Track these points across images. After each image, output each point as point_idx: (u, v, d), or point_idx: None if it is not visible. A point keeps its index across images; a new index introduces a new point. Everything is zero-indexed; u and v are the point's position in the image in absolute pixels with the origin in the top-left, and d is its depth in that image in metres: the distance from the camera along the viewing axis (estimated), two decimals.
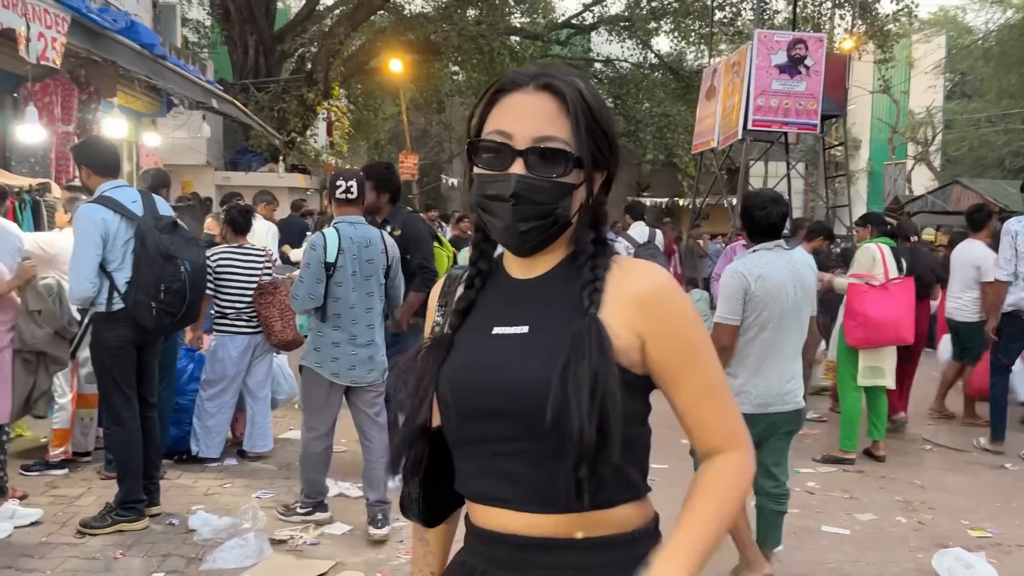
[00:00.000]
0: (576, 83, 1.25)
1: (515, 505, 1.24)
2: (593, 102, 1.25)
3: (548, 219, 1.23)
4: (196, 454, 5.67)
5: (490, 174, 1.24)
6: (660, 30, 21.84)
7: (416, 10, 21.10)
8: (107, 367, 4.38)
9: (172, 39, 12.50)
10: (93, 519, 4.42)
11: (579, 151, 1.23)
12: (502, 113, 1.25)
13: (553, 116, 1.22)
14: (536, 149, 1.21)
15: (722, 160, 14.69)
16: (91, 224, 4.19)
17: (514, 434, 1.21)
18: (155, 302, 4.22)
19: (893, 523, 4.95)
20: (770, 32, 12.98)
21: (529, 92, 1.24)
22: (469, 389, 1.25)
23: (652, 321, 1.24)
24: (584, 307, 1.23)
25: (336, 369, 4.41)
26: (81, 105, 8.58)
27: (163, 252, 4.23)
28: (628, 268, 1.29)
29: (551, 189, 1.22)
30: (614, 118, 1.33)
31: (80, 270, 4.18)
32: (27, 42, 5.06)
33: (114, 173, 4.42)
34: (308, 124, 18.77)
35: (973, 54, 32.67)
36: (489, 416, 1.23)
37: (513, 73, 1.28)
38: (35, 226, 6.01)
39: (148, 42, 6.96)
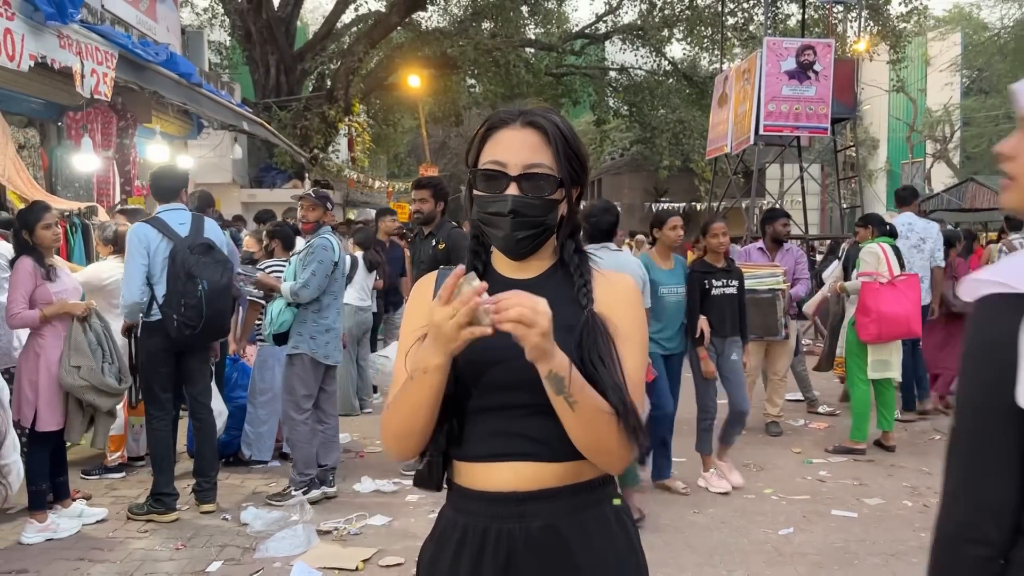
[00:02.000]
0: (554, 119, 1.57)
1: (529, 457, 1.55)
2: (567, 133, 1.57)
3: (539, 228, 1.56)
4: (249, 458, 6.06)
5: (490, 196, 1.55)
6: (673, 37, 22.08)
7: (432, 26, 21.52)
8: (146, 371, 4.95)
9: (200, 64, 12.97)
10: (137, 506, 4.99)
11: (560, 173, 1.55)
12: (496, 146, 1.55)
13: (538, 147, 1.54)
14: (527, 175, 1.53)
15: (737, 164, 14.94)
16: (135, 239, 4.78)
17: (528, 401, 1.50)
18: (177, 315, 4.74)
19: (899, 507, 5.23)
20: (779, 39, 13.26)
21: (517, 128, 1.55)
22: (485, 367, 1.53)
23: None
24: (582, 304, 1.59)
25: (327, 352, 5.32)
26: (119, 131, 9.04)
27: (186, 271, 4.75)
28: (609, 277, 1.65)
29: (541, 205, 1.54)
30: (584, 144, 1.68)
31: (130, 280, 4.75)
32: (82, 78, 5.48)
33: (169, 197, 4.94)
34: (330, 140, 19.18)
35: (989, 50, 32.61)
36: (505, 388, 1.53)
37: (502, 113, 1.59)
38: (85, 248, 6.43)
39: (186, 71, 7.40)
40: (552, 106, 19.05)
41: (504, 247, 1.60)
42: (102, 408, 4.65)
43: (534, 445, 1.55)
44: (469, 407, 1.60)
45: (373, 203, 22.87)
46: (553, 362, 1.39)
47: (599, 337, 1.54)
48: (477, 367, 1.57)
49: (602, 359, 1.52)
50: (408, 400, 1.53)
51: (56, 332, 4.60)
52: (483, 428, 1.59)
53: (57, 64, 5.30)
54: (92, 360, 4.57)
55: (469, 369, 1.56)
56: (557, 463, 1.56)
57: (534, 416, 1.53)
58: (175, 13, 11.98)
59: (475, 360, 1.56)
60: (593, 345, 1.53)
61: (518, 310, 1.34)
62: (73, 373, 4.53)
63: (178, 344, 4.84)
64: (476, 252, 1.68)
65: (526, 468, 1.56)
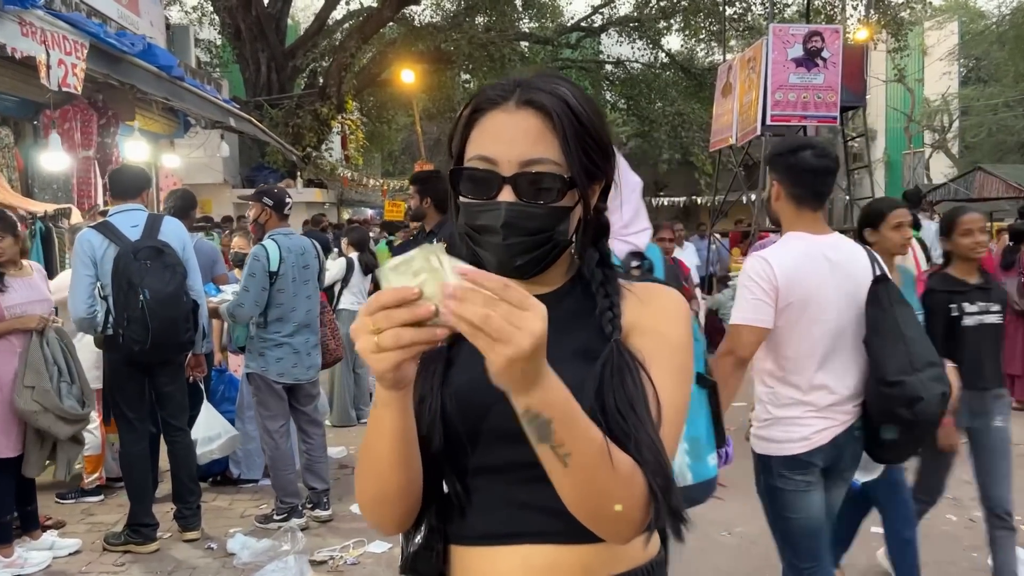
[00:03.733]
0: (560, 91, 1.15)
1: (541, 539, 1.15)
2: (582, 110, 1.15)
3: (545, 246, 1.15)
4: (238, 477, 5.65)
5: (477, 203, 1.14)
6: (671, 28, 21.71)
7: (425, 20, 21.12)
8: (111, 389, 4.54)
9: (187, 60, 12.54)
10: (113, 535, 4.56)
11: (572, 171, 1.13)
12: (483, 136, 1.15)
13: (539, 135, 1.12)
14: (525, 175, 1.12)
15: (741, 157, 14.54)
16: (80, 247, 4.33)
17: (536, 458, 1.02)
18: (122, 329, 4.25)
19: (943, 521, 4.83)
20: (785, 25, 12.85)
21: (510, 110, 1.14)
22: (481, 410, 1.14)
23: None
24: (607, 330, 1.17)
25: (281, 369, 4.81)
26: (100, 130, 8.59)
27: (127, 279, 4.23)
28: (643, 295, 1.23)
29: (545, 215, 1.13)
30: (606, 119, 1.23)
31: (75, 293, 4.30)
32: (48, 69, 5.06)
33: (126, 197, 4.48)
34: (323, 138, 18.80)
35: (987, 39, 32.38)
36: (511, 439, 1.08)
37: (490, 90, 1.17)
38: (45, 256, 5.96)
39: (166, 64, 6.96)
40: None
41: (499, 269, 1.13)
42: (59, 436, 4.15)
43: (552, 520, 1.12)
44: (464, 466, 1.18)
45: (368, 202, 22.47)
46: (532, 395, 0.94)
47: (628, 376, 1.11)
48: (469, 408, 1.14)
49: (632, 406, 1.09)
50: (367, 450, 1.10)
51: (11, 348, 4.15)
52: (482, 497, 1.17)
53: (19, 53, 4.87)
54: (46, 380, 4.08)
55: (459, 411, 1.14)
56: (581, 546, 1.13)
57: (546, 480, 1.05)
58: (159, 7, 11.55)
59: (466, 398, 1.14)
60: (620, 387, 1.10)
61: (481, 312, 0.88)
62: (25, 395, 4.05)
63: (138, 359, 4.38)
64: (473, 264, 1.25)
65: (539, 555, 1.14)
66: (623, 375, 1.11)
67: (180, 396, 4.73)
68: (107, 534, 4.60)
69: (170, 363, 4.58)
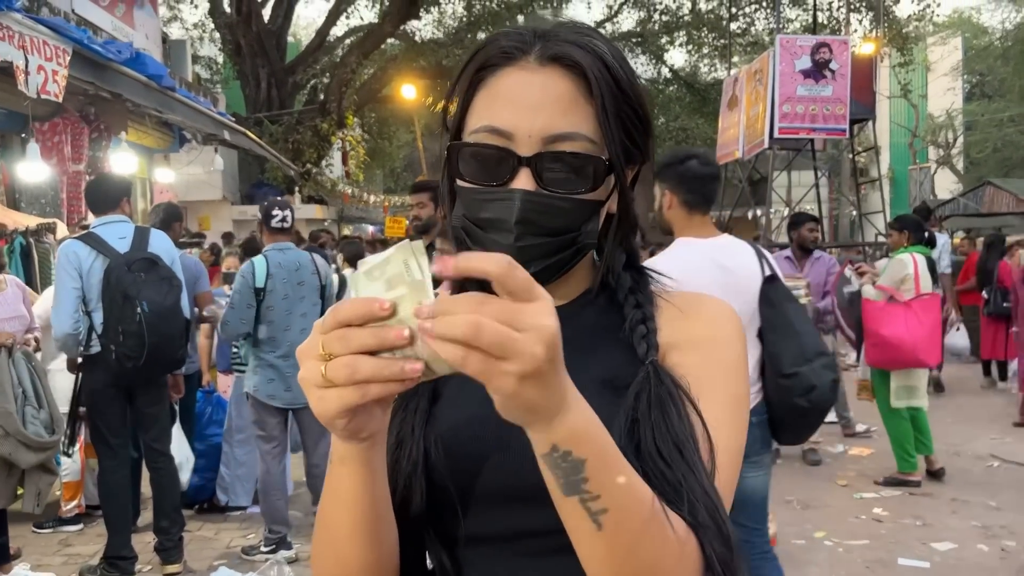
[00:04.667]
0: (597, 47, 0.88)
1: None
2: (621, 72, 0.89)
3: (568, 250, 0.89)
4: (225, 504, 5.36)
5: (484, 190, 0.88)
6: (674, 43, 21.60)
7: (427, 36, 21.01)
8: (91, 412, 4.28)
9: (183, 74, 12.35)
10: (89, 569, 4.28)
11: (611, 151, 0.88)
12: (494, 101, 0.87)
13: (569, 102, 0.86)
14: (550, 155, 0.85)
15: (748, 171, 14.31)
16: (65, 259, 4.07)
17: (555, 523, 0.75)
18: (115, 345, 3.97)
19: (975, 552, 4.53)
20: (793, 37, 12.64)
21: (530, 67, 0.87)
22: (478, 460, 0.87)
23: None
24: (640, 351, 0.89)
25: (272, 391, 4.56)
26: (91, 143, 8.38)
27: (122, 291, 3.96)
28: (684, 305, 0.96)
29: (572, 210, 0.87)
30: (643, 85, 0.94)
31: (59, 308, 4.03)
32: (25, 75, 4.82)
33: (108, 208, 4.22)
34: (323, 155, 18.62)
35: (992, 54, 32.34)
36: (513, 501, 0.86)
37: (505, 39, 0.89)
38: (25, 272, 5.70)
39: (155, 73, 6.72)
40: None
41: None
42: (21, 464, 3.85)
43: None
44: (453, 535, 0.89)
45: (369, 218, 22.28)
46: (558, 425, 0.67)
47: (671, 408, 0.83)
48: (461, 458, 0.86)
49: (679, 448, 0.81)
50: (322, 519, 0.83)
51: None
52: (490, 573, 0.89)
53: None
54: (10, 402, 3.78)
55: (448, 461, 0.86)
56: None
57: (565, 553, 0.76)
58: (155, 20, 11.37)
59: (457, 443, 0.86)
60: (661, 423, 0.82)
61: (466, 320, 0.62)
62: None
63: (123, 379, 4.11)
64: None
65: None
66: (665, 407, 0.84)
67: (165, 419, 4.47)
68: (82, 568, 4.32)
69: (155, 383, 4.32)
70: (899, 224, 6.16)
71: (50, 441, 3.99)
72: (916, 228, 6.01)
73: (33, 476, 4.00)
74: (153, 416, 4.31)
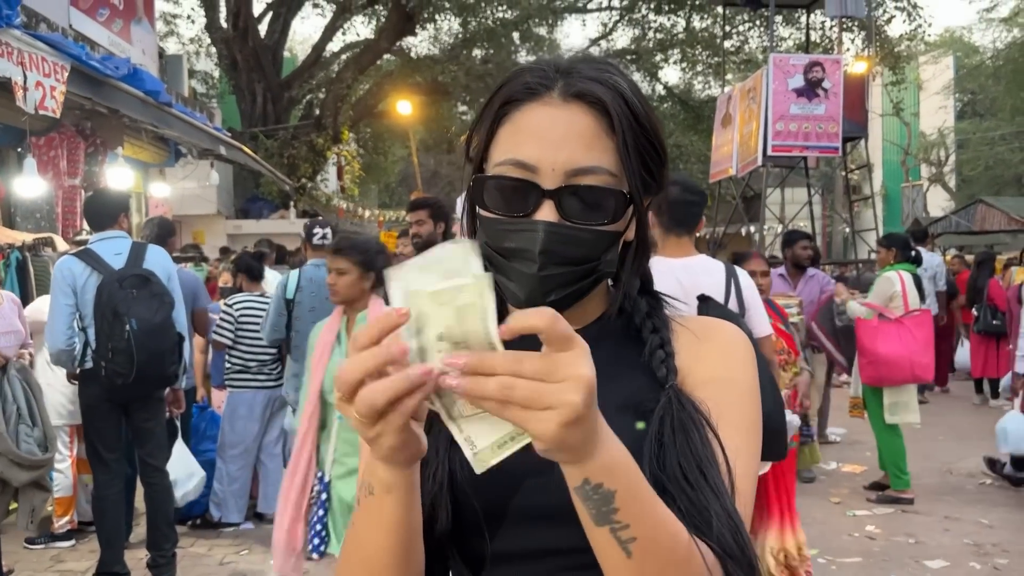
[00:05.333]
0: (618, 84, 0.92)
1: None
2: (640, 109, 0.93)
3: (589, 279, 0.92)
4: (218, 520, 5.34)
5: (508, 221, 0.91)
6: (668, 61, 21.72)
7: (423, 52, 21.09)
8: (86, 427, 4.30)
9: (179, 89, 12.39)
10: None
11: (631, 185, 0.92)
12: (519, 135, 0.91)
13: (592, 138, 0.90)
14: (573, 188, 0.89)
15: (742, 188, 14.38)
16: (59, 275, 4.10)
17: (582, 542, 0.78)
18: (105, 361, 4.00)
19: (967, 570, 4.54)
20: (785, 55, 12.74)
21: (554, 104, 0.90)
22: (506, 481, 0.89)
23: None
24: (659, 375, 0.93)
25: (298, 399, 4.51)
26: (87, 158, 8.38)
27: (113, 308, 3.99)
28: (699, 331, 0.99)
29: (593, 240, 0.91)
30: (658, 117, 0.98)
31: (53, 323, 4.06)
32: (24, 91, 4.84)
33: (105, 224, 4.25)
34: (318, 169, 18.66)
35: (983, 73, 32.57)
36: (540, 520, 0.89)
37: (529, 75, 0.93)
38: (21, 287, 5.70)
39: (152, 89, 6.74)
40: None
41: (527, 304, 0.89)
42: (13, 482, 3.84)
43: None
44: (479, 553, 0.91)
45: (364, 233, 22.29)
46: (592, 461, 0.71)
47: (694, 433, 0.87)
48: (488, 479, 0.86)
49: (703, 472, 0.84)
50: (356, 544, 0.84)
51: None
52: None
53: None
54: (0, 423, 3.78)
55: (474, 482, 0.87)
56: None
57: (591, 570, 0.80)
58: (152, 36, 11.41)
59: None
60: (685, 447, 0.85)
61: (504, 381, 0.66)
62: None
63: (117, 395, 4.12)
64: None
65: None
66: (688, 431, 0.87)
67: (160, 434, 4.47)
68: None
69: (151, 398, 4.32)
70: (887, 242, 6.26)
71: (43, 459, 3.98)
72: (903, 246, 6.10)
73: (27, 493, 3.99)
74: (149, 431, 4.31)
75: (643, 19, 20.95)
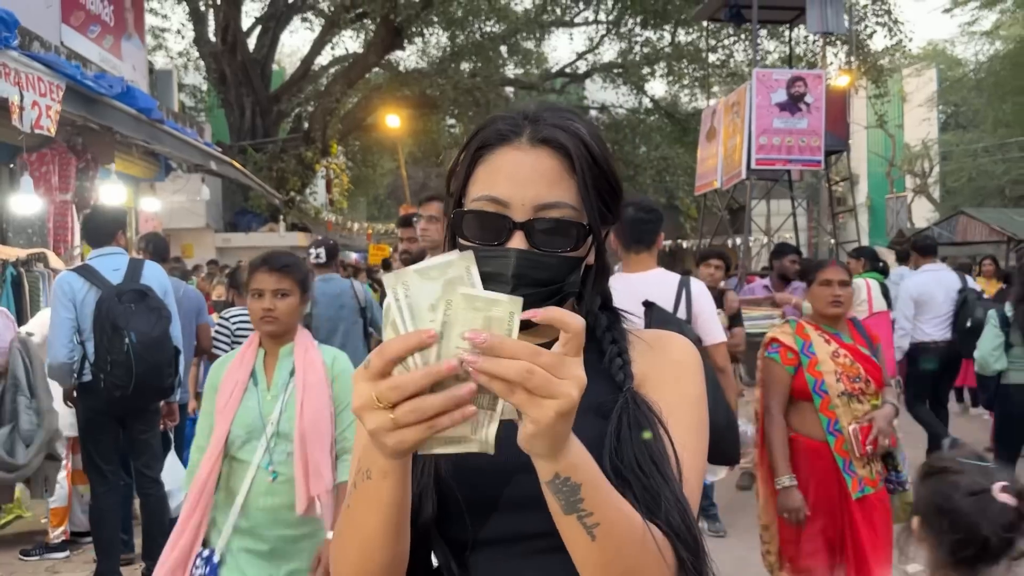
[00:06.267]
0: (578, 131, 1.06)
1: None
2: (598, 151, 1.07)
3: (555, 298, 1.04)
4: None
5: (484, 248, 1.03)
6: (655, 74, 21.95)
7: (411, 66, 21.25)
8: (83, 439, 4.40)
9: (170, 104, 12.48)
10: None
11: (589, 218, 1.05)
12: (493, 175, 1.05)
13: (556, 177, 1.03)
14: (539, 221, 1.02)
15: (726, 200, 14.59)
16: (59, 290, 4.22)
17: (551, 527, 0.92)
18: (103, 374, 4.10)
19: None
20: (768, 70, 12.96)
21: (523, 148, 1.04)
22: (488, 474, 1.02)
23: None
24: (618, 379, 1.07)
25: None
26: (79, 173, 8.46)
27: (112, 322, 4.10)
28: (653, 342, 1.15)
29: (558, 265, 1.04)
30: (614, 158, 1.14)
31: (54, 337, 4.18)
32: (21, 111, 4.95)
33: (103, 241, 4.38)
34: (307, 183, 18.76)
35: (966, 85, 32.93)
36: (514, 507, 1.02)
37: (501, 123, 1.07)
38: (16, 302, 5.79)
39: (145, 106, 6.86)
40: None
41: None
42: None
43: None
44: (462, 538, 1.04)
45: (353, 246, 22.38)
46: (562, 458, 0.84)
47: (647, 429, 1.01)
48: (471, 472, 1.01)
49: (656, 463, 0.98)
50: (352, 524, 0.95)
51: None
52: (482, 573, 1.04)
53: None
54: None
55: (457, 475, 1.01)
56: None
57: (559, 552, 0.93)
58: (142, 52, 11.51)
59: (466, 459, 1.00)
60: (639, 441, 0.99)
61: (520, 366, 0.78)
62: None
63: (115, 407, 4.22)
64: None
65: None
66: (642, 428, 1.01)
67: (156, 445, 4.58)
68: None
69: (147, 410, 4.44)
70: (857, 254, 7.40)
71: (21, 464, 3.98)
72: (872, 258, 7.08)
73: (40, 464, 4.10)
74: (145, 442, 4.41)
75: (629, 33, 21.21)
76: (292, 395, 2.61)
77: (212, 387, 2.68)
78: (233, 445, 2.56)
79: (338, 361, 2.74)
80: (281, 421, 2.58)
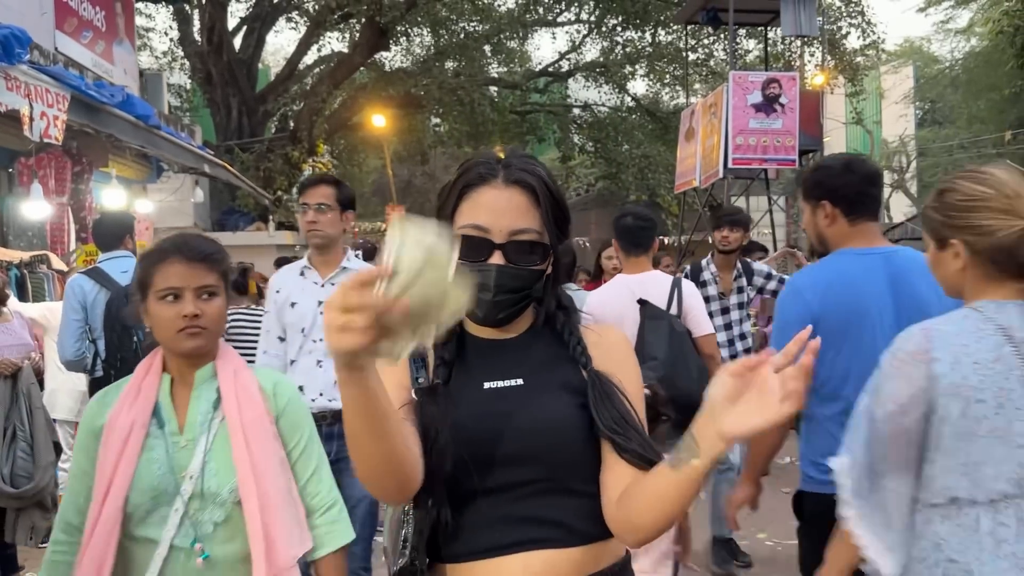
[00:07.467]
0: (540, 173, 1.40)
1: (538, 545, 1.33)
2: (554, 188, 1.41)
3: (524, 302, 1.41)
4: None
5: (471, 264, 1.34)
6: (636, 74, 22.25)
7: (396, 65, 21.45)
8: None
9: (159, 106, 12.69)
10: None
11: (549, 239, 1.39)
12: (476, 208, 1.37)
13: (525, 209, 1.37)
14: (513, 243, 1.36)
15: (705, 198, 14.94)
16: (70, 292, 4.47)
17: (536, 475, 1.33)
18: (114, 370, 4.33)
19: None
20: (744, 72, 13.31)
21: (499, 187, 1.37)
22: (484, 437, 1.33)
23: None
24: (581, 362, 1.41)
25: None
26: (74, 176, 8.70)
27: (121, 322, 4.35)
28: (600, 332, 1.49)
29: (528, 276, 1.38)
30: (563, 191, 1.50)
31: (63, 337, 4.43)
32: (31, 122, 5.21)
33: (113, 244, 4.66)
34: (294, 182, 18.85)
35: (941, 82, 33.41)
36: (508, 462, 1.34)
37: (479, 167, 1.39)
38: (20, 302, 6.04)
39: (143, 113, 7.13)
40: (518, 144, 18.72)
41: (484, 320, 1.42)
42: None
43: (547, 529, 1.33)
44: (462, 491, 1.35)
45: None
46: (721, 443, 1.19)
47: (614, 396, 1.36)
48: (468, 438, 1.33)
49: (625, 419, 1.35)
50: (347, 429, 1.16)
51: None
52: (482, 516, 1.36)
53: (4, 107, 5.03)
54: None
55: (466, 441, 1.33)
56: (575, 548, 1.33)
57: (545, 495, 1.33)
58: (133, 56, 11.71)
59: (465, 428, 1.33)
60: (611, 405, 1.36)
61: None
62: None
63: None
64: None
65: (538, 559, 1.32)
66: (612, 396, 1.36)
67: None
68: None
69: None
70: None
71: (17, 493, 4.10)
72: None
73: (28, 511, 4.20)
74: None
75: (611, 33, 21.48)
76: (220, 436, 1.82)
77: (92, 433, 1.84)
78: (131, 519, 1.76)
79: (281, 389, 1.95)
80: (205, 475, 1.78)
